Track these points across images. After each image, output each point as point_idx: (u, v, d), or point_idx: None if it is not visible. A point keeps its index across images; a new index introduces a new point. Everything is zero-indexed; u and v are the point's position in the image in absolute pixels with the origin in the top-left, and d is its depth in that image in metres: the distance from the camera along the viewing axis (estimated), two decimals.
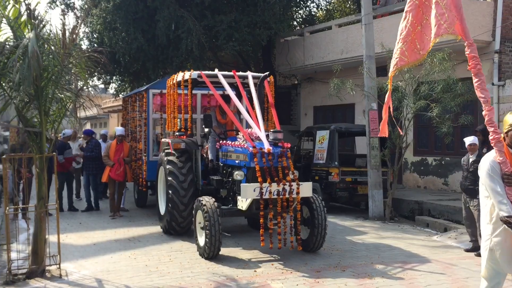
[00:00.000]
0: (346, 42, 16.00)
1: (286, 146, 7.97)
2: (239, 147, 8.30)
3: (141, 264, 7.78)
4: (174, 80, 9.74)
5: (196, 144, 9.59)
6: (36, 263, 7.03)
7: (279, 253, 8.12)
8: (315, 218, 8.05)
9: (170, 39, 16.81)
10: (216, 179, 9.00)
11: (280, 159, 7.74)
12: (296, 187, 7.63)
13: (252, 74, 9.31)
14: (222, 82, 8.99)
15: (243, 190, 7.64)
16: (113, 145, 11.91)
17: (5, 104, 7.01)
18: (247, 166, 7.97)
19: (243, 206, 7.82)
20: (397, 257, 8.19)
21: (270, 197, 7.49)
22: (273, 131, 8.13)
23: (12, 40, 6.84)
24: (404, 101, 11.45)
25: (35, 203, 7.21)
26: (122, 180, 11.97)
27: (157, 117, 12.01)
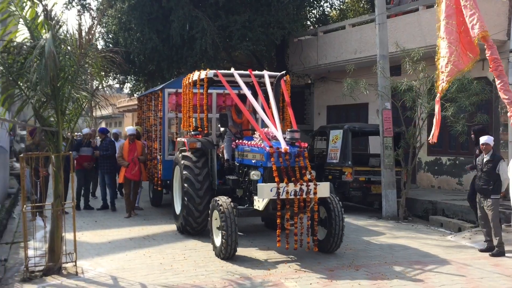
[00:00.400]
0: (360, 41, 15.94)
1: (303, 145, 7.89)
2: (256, 147, 8.22)
3: (155, 262, 7.82)
4: (190, 79, 9.69)
5: (212, 143, 9.55)
6: (52, 261, 7.11)
7: (295, 254, 8.07)
8: (332, 219, 7.97)
9: (184, 39, 16.87)
10: (232, 179, 8.91)
11: (297, 158, 7.67)
12: (313, 187, 7.52)
13: (268, 73, 9.25)
14: (238, 81, 8.93)
15: (259, 190, 7.56)
16: (126, 145, 11.90)
17: (22, 104, 7.09)
18: (263, 166, 7.89)
19: (260, 206, 7.73)
20: (411, 257, 8.15)
21: (287, 197, 7.41)
22: (290, 131, 8.04)
23: (30, 41, 6.92)
24: (418, 100, 11.39)
25: (52, 201, 7.29)
26: (138, 179, 12.01)
27: (172, 116, 11.99)
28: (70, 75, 7.10)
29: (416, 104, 11.44)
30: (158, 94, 12.10)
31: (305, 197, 7.48)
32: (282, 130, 8.19)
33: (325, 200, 8.01)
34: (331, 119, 18.84)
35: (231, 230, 7.51)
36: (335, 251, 8.18)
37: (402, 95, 11.41)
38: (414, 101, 11.39)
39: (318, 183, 7.61)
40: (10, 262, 7.90)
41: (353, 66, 12.44)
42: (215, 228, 8.05)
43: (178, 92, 11.47)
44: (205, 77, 9.15)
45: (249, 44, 16.85)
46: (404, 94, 11.35)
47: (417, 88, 11.36)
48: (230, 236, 7.53)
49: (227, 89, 9.01)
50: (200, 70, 9.51)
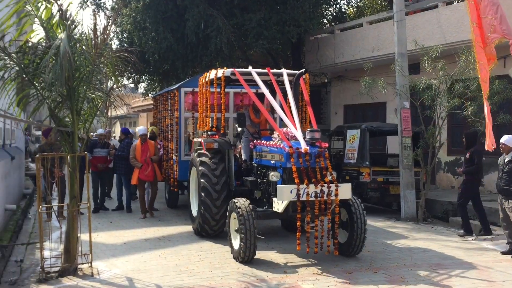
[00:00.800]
0: (378, 39, 15.85)
1: (323, 145, 7.78)
2: (275, 147, 8.12)
3: (171, 263, 7.85)
4: (207, 78, 9.60)
5: (229, 144, 9.49)
6: (68, 262, 7.16)
7: (314, 257, 8.00)
8: (354, 222, 7.85)
9: (199, 38, 16.92)
10: (250, 180, 8.84)
11: (318, 159, 7.57)
12: (334, 188, 7.43)
13: (287, 71, 9.13)
14: (256, 79, 8.83)
15: (279, 192, 7.43)
16: (138, 145, 11.84)
17: (38, 104, 7.15)
18: (283, 167, 7.79)
19: (279, 209, 7.64)
20: (431, 259, 8.08)
21: (308, 199, 7.31)
22: (309, 130, 7.91)
23: (45, 41, 6.98)
24: (437, 99, 11.29)
25: (67, 202, 7.34)
26: (152, 180, 11.95)
27: (188, 116, 11.89)
28: (85, 75, 7.16)
29: (436, 103, 11.34)
30: (174, 93, 12.06)
31: (326, 199, 7.37)
32: (301, 130, 8.10)
33: (346, 202, 7.90)
34: (348, 118, 18.75)
35: (250, 232, 7.43)
36: (357, 255, 8.08)
37: (421, 94, 11.32)
38: (433, 100, 11.30)
39: (340, 185, 7.52)
40: (26, 263, 7.98)
41: (371, 64, 12.36)
42: (233, 231, 8.00)
43: (194, 91, 11.47)
44: (222, 75, 9.05)
45: (264, 42, 16.85)
46: (423, 93, 11.26)
47: (436, 87, 11.26)
48: (249, 239, 7.45)
49: (244, 88, 8.89)
50: (216, 69, 9.46)
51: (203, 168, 9.07)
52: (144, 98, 31.88)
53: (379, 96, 13.01)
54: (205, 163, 9.13)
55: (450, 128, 14.37)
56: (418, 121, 12.26)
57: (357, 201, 8.02)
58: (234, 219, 7.85)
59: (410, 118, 11.93)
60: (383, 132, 13.48)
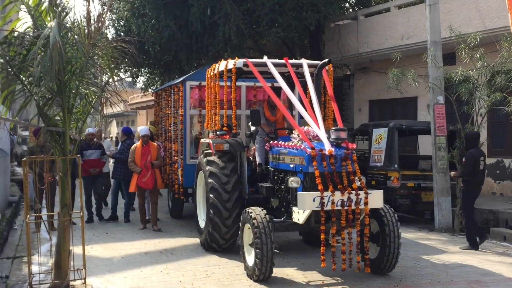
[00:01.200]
0: (407, 26, 15.79)
1: (350, 147, 7.64)
2: (295, 149, 7.96)
3: (174, 280, 7.87)
4: (215, 70, 9.45)
5: (242, 145, 9.36)
6: (59, 278, 7.20)
7: (336, 274, 7.84)
8: (386, 234, 7.67)
9: (205, 26, 16.95)
10: (266, 187, 8.64)
11: (344, 162, 7.42)
12: (364, 196, 7.27)
13: (307, 61, 8.98)
14: (273, 71, 8.66)
15: (300, 200, 7.26)
16: (138, 147, 11.66)
17: (25, 101, 7.19)
18: (304, 171, 7.61)
19: (300, 219, 7.44)
20: (469, 276, 8.03)
21: (333, 208, 7.16)
22: (334, 129, 7.72)
23: (33, 30, 7.02)
24: (476, 93, 11.23)
25: (58, 211, 7.38)
26: (151, 187, 11.71)
27: (195, 114, 11.80)
28: (77, 68, 7.19)
29: (474, 98, 11.28)
30: (178, 87, 11.91)
31: (354, 208, 7.24)
32: (325, 128, 7.95)
33: (377, 211, 7.74)
34: (374, 115, 18.69)
35: (267, 247, 7.26)
36: (389, 272, 7.94)
37: (457, 87, 11.26)
38: (471, 94, 11.24)
39: (370, 191, 7.36)
40: (12, 279, 8.03)
41: (400, 54, 12.32)
42: (246, 245, 7.86)
43: (201, 85, 11.36)
44: (233, 67, 8.92)
45: (278, 30, 16.85)
46: (459, 86, 11.19)
47: (474, 79, 11.20)
48: (265, 255, 7.28)
49: (259, 81, 8.75)
50: (228, 59, 9.35)
51: (211, 171, 8.99)
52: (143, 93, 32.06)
53: (409, 90, 12.96)
54: (214, 165, 9.05)
55: (490, 126, 14.28)
56: (454, 119, 12.19)
57: (389, 211, 7.85)
58: (248, 232, 7.73)
59: (445, 115, 11.86)
60: (413, 131, 13.42)
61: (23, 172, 7.48)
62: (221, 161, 9.07)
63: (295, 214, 7.60)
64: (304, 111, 8.14)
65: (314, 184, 7.30)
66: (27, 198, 7.43)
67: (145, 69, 21.85)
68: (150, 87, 23.28)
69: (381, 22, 16.92)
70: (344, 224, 7.24)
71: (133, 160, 11.63)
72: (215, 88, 9.49)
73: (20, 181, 17.64)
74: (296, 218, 7.58)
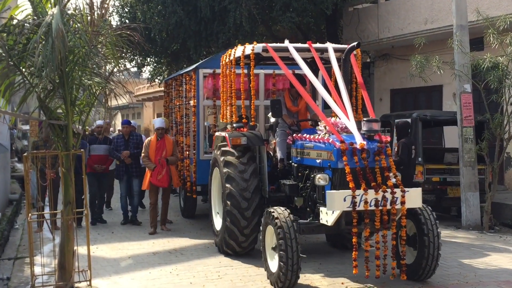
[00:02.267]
0: (432, 9, 15.70)
1: (384, 140, 7.33)
2: (322, 142, 7.63)
3: (184, 281, 7.90)
4: (231, 57, 9.20)
5: (261, 138, 9.07)
6: (63, 279, 7.25)
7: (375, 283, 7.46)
8: (424, 234, 7.35)
9: (215, 11, 16.93)
10: (289, 184, 8.38)
11: (377, 157, 7.11)
12: (400, 194, 6.97)
13: (333, 45, 8.69)
14: (295, 57, 8.35)
15: (329, 200, 6.95)
16: (153, 141, 11.31)
17: (25, 93, 7.23)
18: (332, 167, 7.31)
19: (329, 221, 7.15)
20: (499, 276, 8.00)
21: (366, 208, 6.86)
22: (366, 120, 7.38)
23: (33, 18, 7.06)
24: (505, 81, 11.15)
25: (61, 208, 7.43)
26: (166, 185, 11.43)
27: (209, 104, 11.53)
28: (80, 58, 7.22)
29: (503, 86, 11.20)
30: (190, 76, 11.59)
31: (389, 208, 6.95)
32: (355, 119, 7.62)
33: (412, 210, 7.39)
34: (396, 105, 18.62)
35: (292, 250, 6.96)
36: (429, 278, 7.60)
37: (486, 75, 11.19)
38: (500, 82, 11.16)
39: (407, 190, 7.07)
40: (13, 281, 8.12)
41: (423, 39, 12.24)
42: (269, 249, 7.57)
43: (215, 73, 11.09)
44: (251, 52, 8.70)
45: (293, 15, 16.79)
46: (487, 73, 11.13)
47: (504, 66, 11.12)
48: (291, 258, 6.96)
49: (280, 67, 8.38)
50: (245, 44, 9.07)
51: (228, 169, 8.74)
52: (150, 84, 32.10)
53: (434, 78, 12.89)
54: (231, 163, 8.78)
55: None
56: (482, 108, 12.12)
57: (426, 209, 7.56)
58: (270, 234, 7.49)
59: (472, 105, 11.80)
60: (439, 121, 13.36)
61: (24, 168, 7.53)
62: (239, 157, 8.79)
63: (322, 215, 7.34)
64: (332, 100, 7.81)
65: (344, 181, 7.04)
66: (28, 195, 7.49)
67: (152, 58, 21.85)
68: (156, 77, 23.30)
69: (403, 5, 16.82)
70: (378, 226, 6.95)
71: (147, 155, 11.30)
72: (231, 76, 9.24)
73: (21, 178, 17.80)
74: (324, 220, 7.29)
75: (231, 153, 8.89)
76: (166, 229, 11.46)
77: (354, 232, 6.92)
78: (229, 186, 8.65)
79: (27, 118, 13.73)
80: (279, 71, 10.67)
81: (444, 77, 12.94)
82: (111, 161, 12.59)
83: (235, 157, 8.80)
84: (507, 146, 11.92)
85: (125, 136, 12.29)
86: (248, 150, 8.99)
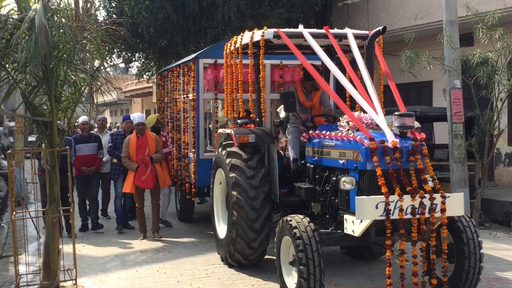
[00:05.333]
0: (421, 4, 15.71)
1: (420, 137, 6.52)
2: (346, 140, 6.77)
3: (172, 280, 7.88)
4: (237, 44, 8.44)
5: (271, 136, 8.19)
6: (48, 278, 7.22)
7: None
8: (464, 244, 6.52)
9: (203, 6, 16.88)
10: (306, 188, 7.44)
11: (412, 157, 6.32)
12: (440, 201, 6.16)
13: (353, 31, 7.94)
14: (312, 44, 7.50)
15: (359, 207, 6.06)
16: (133, 139, 10.43)
17: (9, 89, 7.19)
18: (359, 169, 6.45)
19: (355, 231, 6.29)
20: (488, 274, 7.98)
21: (401, 217, 6.02)
22: (398, 115, 6.59)
23: (16, 13, 7.01)
24: (495, 77, 11.17)
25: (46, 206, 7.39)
26: (152, 187, 10.51)
27: (210, 98, 10.74)
28: (65, 53, 7.17)
29: (493, 81, 11.21)
30: (189, 67, 10.68)
31: (428, 216, 6.14)
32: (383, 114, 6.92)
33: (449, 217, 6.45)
34: (386, 101, 18.55)
35: (314, 265, 6.12)
36: None
37: (475, 70, 11.20)
38: (490, 78, 11.17)
39: (448, 195, 6.26)
40: None
41: (413, 35, 12.25)
42: (285, 263, 6.73)
43: (217, 64, 10.28)
44: (261, 38, 7.85)
45: (282, 11, 16.76)
46: (477, 69, 11.13)
47: (493, 61, 11.14)
48: (313, 274, 6.13)
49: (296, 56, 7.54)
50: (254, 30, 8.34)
51: (235, 174, 7.86)
52: (138, 80, 31.99)
53: (424, 73, 12.91)
54: (238, 167, 7.90)
55: (511, 111, 14.21)
56: (472, 104, 12.13)
57: (466, 216, 6.71)
58: (287, 246, 6.67)
59: (462, 100, 11.81)
60: (428, 117, 13.36)
61: (8, 165, 7.48)
62: (245, 157, 7.96)
63: (347, 223, 6.45)
64: (356, 92, 7.02)
65: (374, 185, 6.31)
66: (12, 193, 7.43)
67: (139, 54, 21.79)
68: (145, 73, 23.23)
69: (393, 0, 16.83)
70: (415, 238, 6.11)
71: (127, 155, 10.45)
72: (236, 66, 8.50)
73: (6, 175, 17.67)
74: (350, 229, 6.41)
75: (238, 155, 7.99)
76: (158, 237, 10.44)
77: (388, 244, 6.08)
78: (235, 194, 7.77)
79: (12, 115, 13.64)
80: (287, 62, 10.24)
81: (434, 72, 12.96)
82: (100, 160, 11.45)
83: (243, 160, 7.92)
84: (497, 142, 11.95)
85: (126, 133, 11.34)
86: (257, 150, 8.12)
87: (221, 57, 9.40)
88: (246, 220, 7.68)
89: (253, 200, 7.68)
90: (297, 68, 10.40)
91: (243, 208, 7.68)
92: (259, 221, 7.69)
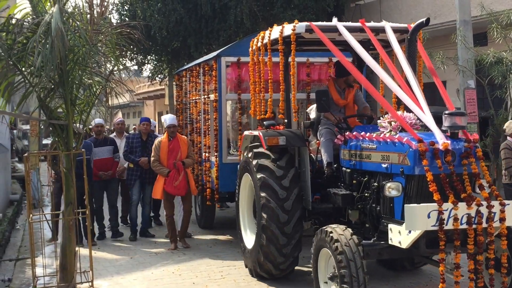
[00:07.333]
0: (434, 4, 15.70)
1: (473, 138, 5.89)
2: (390, 142, 6.18)
3: (187, 281, 7.91)
4: (264, 40, 7.89)
5: (302, 138, 7.70)
6: (65, 280, 7.24)
7: None
8: None
9: (215, 8, 16.94)
10: (342, 194, 6.87)
11: (465, 160, 5.71)
12: (499, 209, 5.56)
13: (392, 25, 7.25)
14: (348, 38, 6.92)
15: (409, 216, 5.53)
16: (164, 142, 9.78)
17: (25, 93, 7.23)
18: (406, 174, 5.89)
19: (403, 243, 5.72)
20: None
21: (456, 227, 5.44)
22: (448, 114, 5.96)
23: (32, 17, 7.05)
24: (510, 76, 11.13)
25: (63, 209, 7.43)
26: (184, 194, 9.89)
27: (233, 98, 10.09)
28: (80, 57, 7.21)
29: (508, 81, 11.18)
30: (210, 66, 10.15)
31: (485, 226, 5.54)
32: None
33: None
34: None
35: (359, 283, 5.59)
36: None
37: (490, 70, 11.17)
38: (504, 77, 11.15)
39: (507, 202, 5.63)
40: (15, 282, 8.13)
41: (427, 35, 12.20)
42: (323, 278, 6.21)
43: (241, 62, 9.78)
44: (292, 33, 7.22)
45: (294, 12, 16.77)
46: (491, 69, 11.10)
47: (508, 61, 11.10)
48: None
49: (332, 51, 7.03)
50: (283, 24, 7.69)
51: (263, 175, 7.36)
52: (150, 82, 32.13)
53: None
54: (266, 167, 7.41)
55: None
56: (486, 104, 12.09)
57: None
58: (326, 260, 6.17)
59: (476, 101, 11.77)
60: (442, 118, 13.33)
61: (25, 168, 7.52)
62: (277, 166, 7.41)
63: (393, 234, 5.89)
64: (400, 90, 6.51)
65: (423, 191, 5.82)
66: (29, 196, 7.48)
67: (152, 56, 21.89)
68: (157, 76, 23.33)
69: (406, 1, 16.81)
70: (471, 250, 5.52)
71: (158, 158, 9.80)
72: (263, 64, 7.98)
73: (21, 178, 17.79)
74: (396, 241, 5.84)
75: (266, 156, 7.50)
76: (186, 245, 9.91)
77: (442, 258, 5.49)
78: (264, 195, 7.25)
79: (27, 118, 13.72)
80: (314, 59, 9.91)
81: (448, 73, 12.91)
82: (116, 164, 10.91)
83: (271, 160, 7.42)
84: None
85: (143, 136, 10.79)
86: (286, 152, 7.58)
87: (244, 55, 9.08)
88: (276, 223, 7.14)
89: (284, 201, 7.16)
90: (324, 66, 10.12)
91: (273, 210, 7.15)
92: (291, 224, 7.15)
